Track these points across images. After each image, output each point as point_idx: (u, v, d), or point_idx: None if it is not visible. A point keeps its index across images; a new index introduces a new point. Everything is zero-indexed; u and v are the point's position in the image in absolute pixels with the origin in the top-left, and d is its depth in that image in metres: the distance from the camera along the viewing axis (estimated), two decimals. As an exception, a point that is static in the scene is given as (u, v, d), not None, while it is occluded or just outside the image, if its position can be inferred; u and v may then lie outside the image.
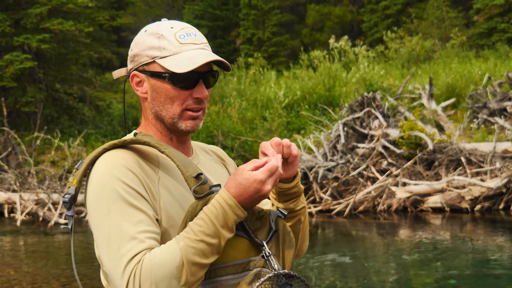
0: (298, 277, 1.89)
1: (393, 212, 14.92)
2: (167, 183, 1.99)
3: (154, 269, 1.76)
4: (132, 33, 40.89)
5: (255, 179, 1.85)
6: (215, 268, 1.88)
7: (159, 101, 2.05)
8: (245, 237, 1.93)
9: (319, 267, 9.97)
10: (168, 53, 2.01)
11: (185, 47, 2.02)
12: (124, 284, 1.78)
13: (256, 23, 39.17)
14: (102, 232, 1.86)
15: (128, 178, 1.89)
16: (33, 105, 22.62)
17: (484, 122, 18.67)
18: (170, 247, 1.80)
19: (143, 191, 1.90)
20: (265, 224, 1.97)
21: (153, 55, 2.03)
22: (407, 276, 9.32)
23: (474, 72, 22.91)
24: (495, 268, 9.42)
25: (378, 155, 16.14)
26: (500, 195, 14.36)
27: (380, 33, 35.64)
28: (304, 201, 2.17)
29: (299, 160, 2.17)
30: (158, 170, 2.00)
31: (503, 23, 30.14)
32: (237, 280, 1.89)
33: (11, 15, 22.59)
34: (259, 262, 1.91)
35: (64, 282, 9.29)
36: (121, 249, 1.81)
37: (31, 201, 16.42)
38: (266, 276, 1.82)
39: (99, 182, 1.90)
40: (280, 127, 21.45)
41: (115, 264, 1.81)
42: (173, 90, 2.02)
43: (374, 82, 22.59)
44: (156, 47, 2.03)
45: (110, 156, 1.94)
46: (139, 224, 1.84)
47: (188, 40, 2.03)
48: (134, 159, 1.96)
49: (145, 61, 2.05)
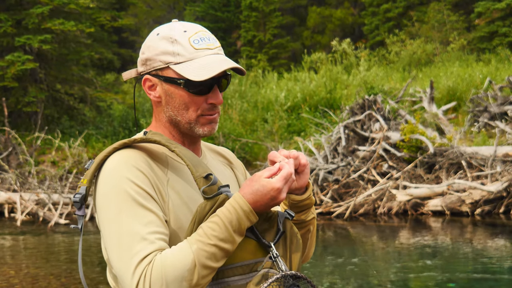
0: (305, 278, 1.89)
1: (393, 215, 14.92)
2: (176, 184, 1.98)
3: (166, 271, 1.76)
4: (133, 34, 40.92)
5: (273, 187, 1.86)
6: (223, 269, 1.88)
7: (174, 106, 2.03)
8: (253, 238, 1.93)
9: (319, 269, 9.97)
10: (183, 59, 1.99)
11: (200, 52, 1.99)
12: (134, 285, 1.77)
13: (257, 25, 39.16)
14: (112, 233, 1.85)
15: (138, 178, 1.89)
16: (34, 105, 22.63)
17: (484, 126, 18.68)
18: (183, 249, 1.80)
19: (152, 191, 1.90)
20: (273, 225, 1.97)
21: (167, 60, 2.01)
22: (407, 279, 9.33)
23: (475, 75, 22.91)
24: (495, 272, 9.42)
25: (378, 158, 16.14)
26: (500, 199, 14.37)
27: (381, 36, 35.62)
28: (314, 211, 2.16)
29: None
30: (167, 171, 2.00)
31: (504, 27, 30.13)
32: (245, 281, 1.89)
33: (13, 15, 22.60)
34: (266, 263, 1.90)
35: (64, 283, 9.29)
36: (132, 250, 1.80)
37: (32, 201, 16.42)
38: (273, 277, 1.83)
39: (108, 182, 1.89)
40: (281, 129, 21.45)
41: (125, 265, 1.80)
42: (187, 96, 2.01)
43: (375, 85, 22.59)
44: (170, 52, 2.00)
45: (120, 156, 1.94)
46: (149, 225, 1.84)
47: (202, 45, 2.01)
48: (144, 159, 1.95)
49: (159, 66, 2.02)
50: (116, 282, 2.02)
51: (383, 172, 16.09)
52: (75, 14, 23.69)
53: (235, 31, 42.48)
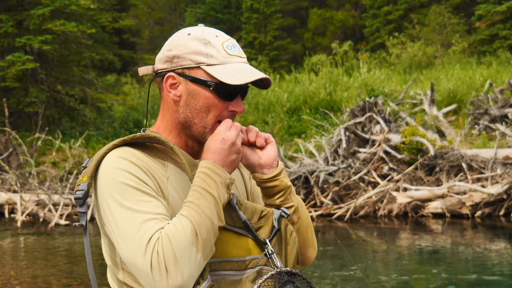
0: (300, 275, 1.89)
1: (393, 217, 14.92)
2: (175, 182, 1.99)
3: (174, 240, 1.76)
4: (134, 35, 40.94)
5: (217, 132, 1.95)
6: (218, 262, 1.88)
7: (195, 107, 2.01)
8: (248, 236, 1.93)
9: (319, 271, 9.96)
10: (216, 62, 1.99)
11: (233, 59, 2.00)
12: (148, 263, 1.76)
13: (258, 27, 39.20)
14: (117, 222, 1.84)
15: (138, 173, 1.89)
16: (35, 105, 22.66)
17: (485, 128, 18.68)
18: (178, 218, 1.82)
19: (152, 185, 1.91)
20: (268, 223, 1.97)
21: (199, 60, 1.99)
22: (407, 281, 9.32)
23: (475, 78, 22.92)
24: (495, 274, 9.41)
25: (379, 160, 16.14)
26: (500, 202, 14.36)
27: (382, 38, 35.66)
28: (296, 200, 2.11)
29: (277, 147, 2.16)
30: (167, 169, 2.00)
31: (505, 30, 30.15)
32: (239, 277, 1.89)
33: (14, 15, 22.64)
34: (261, 260, 1.91)
35: (64, 283, 9.29)
36: (139, 232, 1.80)
37: (32, 202, 16.42)
38: (268, 274, 1.83)
39: (108, 177, 1.90)
40: (281, 131, 21.46)
41: (135, 247, 1.79)
42: (213, 99, 2.00)
43: (375, 87, 22.60)
44: (203, 53, 1.99)
45: (119, 152, 1.94)
46: (155, 208, 1.85)
47: (235, 52, 2.02)
48: (143, 156, 1.96)
49: (188, 65, 2.01)
50: (115, 282, 2.01)
51: (383, 174, 16.09)
52: (76, 15, 23.73)
53: (236, 32, 42.48)
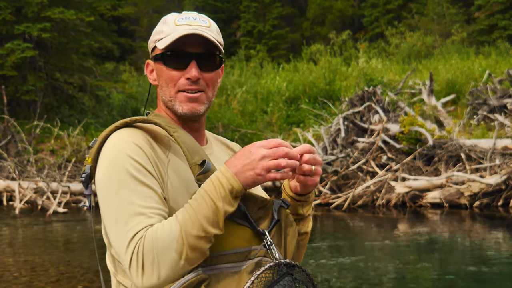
0: (299, 266, 1.88)
1: (392, 207, 14.93)
2: (176, 166, 1.98)
3: (156, 242, 1.76)
4: (132, 23, 40.85)
5: (255, 143, 1.85)
6: (216, 256, 1.86)
7: (161, 85, 2.06)
8: (247, 226, 1.91)
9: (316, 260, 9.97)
10: (164, 35, 2.02)
11: (179, 27, 2.01)
12: (128, 259, 1.78)
13: (256, 16, 39.12)
14: (111, 209, 1.85)
15: (138, 155, 1.89)
16: (33, 93, 22.60)
17: (484, 118, 18.68)
18: (170, 221, 1.80)
19: (151, 169, 1.90)
20: (268, 213, 1.95)
21: (154, 39, 2.07)
22: (405, 271, 9.33)
23: (474, 68, 22.90)
24: (493, 264, 9.43)
25: (378, 149, 16.14)
26: (499, 192, 14.38)
27: (381, 28, 35.60)
28: (310, 225, 2.14)
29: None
30: (169, 152, 2.00)
31: (504, 20, 30.10)
32: (238, 269, 1.87)
33: (12, 2, 22.53)
34: (260, 251, 1.89)
35: (62, 271, 9.29)
36: (128, 225, 1.80)
37: (30, 190, 16.42)
38: (267, 265, 1.81)
39: (108, 159, 1.90)
40: (280, 120, 21.44)
41: (121, 239, 1.80)
42: (166, 71, 2.02)
43: (374, 77, 22.58)
44: (158, 31, 2.06)
45: (121, 134, 1.94)
46: (147, 200, 1.84)
47: (183, 22, 2.02)
48: (145, 137, 1.96)
49: (152, 47, 2.09)
50: (114, 265, 2.02)
51: (382, 164, 16.10)
52: (74, 3, 23.67)
53: (234, 21, 42.41)
